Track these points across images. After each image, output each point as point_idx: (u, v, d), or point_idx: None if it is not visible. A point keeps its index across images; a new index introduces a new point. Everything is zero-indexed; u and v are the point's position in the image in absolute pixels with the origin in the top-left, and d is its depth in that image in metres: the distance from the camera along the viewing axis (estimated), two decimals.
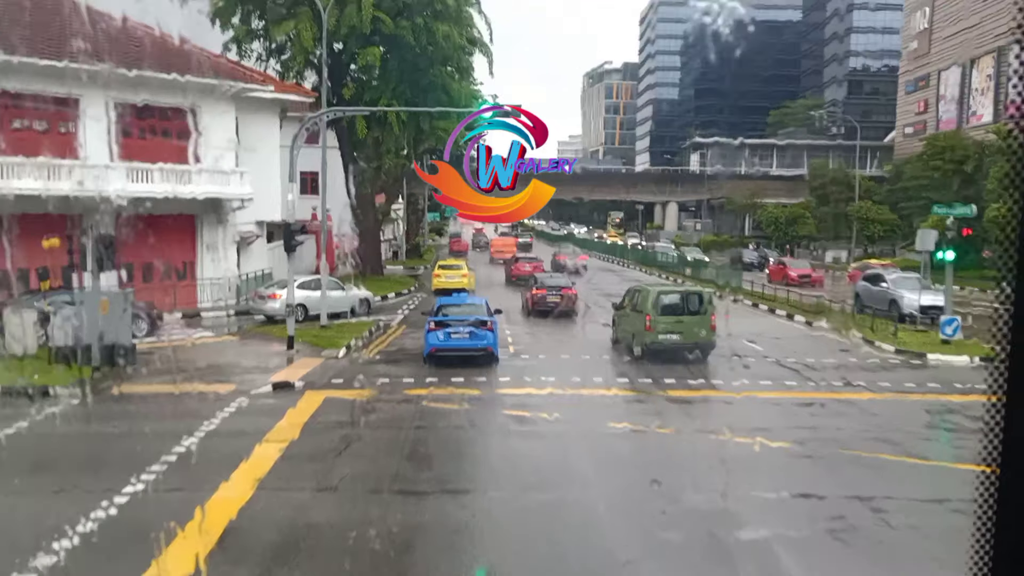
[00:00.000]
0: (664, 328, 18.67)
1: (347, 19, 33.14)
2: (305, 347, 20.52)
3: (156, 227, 27.39)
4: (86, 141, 26.96)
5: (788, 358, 19.44)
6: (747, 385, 16.29)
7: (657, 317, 18.79)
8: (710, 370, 17.94)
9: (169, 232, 28.83)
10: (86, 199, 26.15)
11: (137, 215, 27.06)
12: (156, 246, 28.23)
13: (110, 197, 26.38)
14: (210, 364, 18.47)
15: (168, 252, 29.32)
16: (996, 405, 1.60)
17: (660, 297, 19.50)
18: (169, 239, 29.05)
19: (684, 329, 18.77)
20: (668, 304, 19.31)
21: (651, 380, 16.69)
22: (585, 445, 11.82)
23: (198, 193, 28.52)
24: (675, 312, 19.10)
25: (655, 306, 19.01)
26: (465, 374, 17.38)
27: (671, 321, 18.82)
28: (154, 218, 27.09)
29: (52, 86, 26.28)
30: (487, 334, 18.40)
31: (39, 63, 24.90)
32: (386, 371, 17.85)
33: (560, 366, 18.40)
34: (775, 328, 25.27)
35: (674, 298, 19.95)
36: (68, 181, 26.10)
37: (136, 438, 12.08)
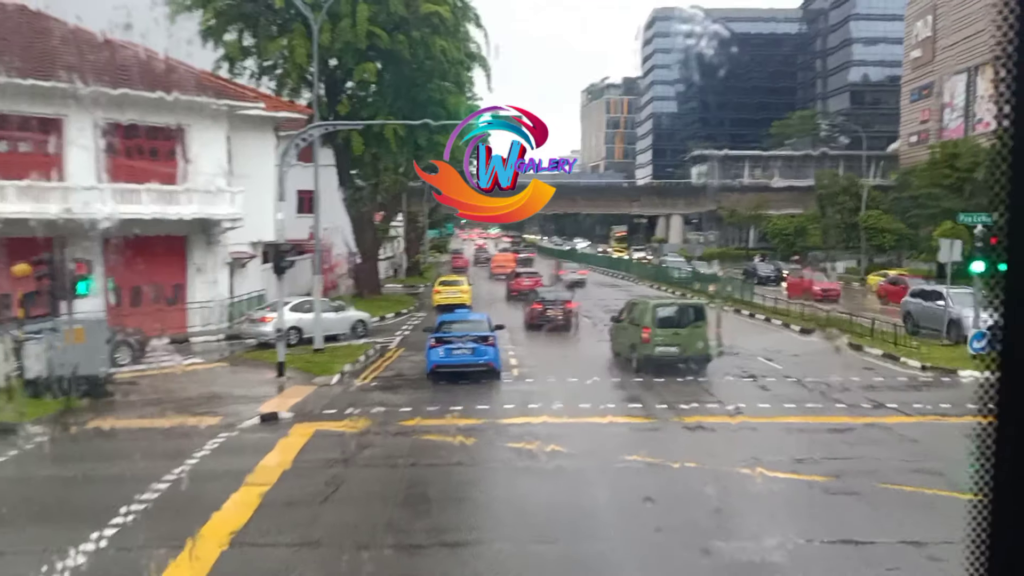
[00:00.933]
0: (662, 340, 18.79)
1: (342, 34, 32.25)
2: (297, 374, 19.39)
3: (145, 249, 26.36)
4: (71, 162, 26.08)
5: (809, 377, 18.26)
6: (770, 409, 15.11)
7: (655, 330, 18.89)
8: (728, 392, 16.77)
9: (158, 254, 27.79)
10: (71, 222, 25.22)
11: (125, 237, 26.10)
12: (145, 269, 27.20)
13: (96, 219, 25.45)
14: (196, 394, 17.34)
15: (157, 275, 28.31)
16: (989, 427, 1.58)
17: (657, 310, 19.58)
18: (158, 262, 28.01)
19: (682, 341, 18.87)
20: (665, 317, 19.45)
21: (666, 405, 15.53)
22: (600, 483, 10.66)
23: (188, 214, 27.52)
24: (672, 325, 19.25)
25: (652, 319, 19.07)
26: (466, 401, 16.25)
27: (668, 334, 18.94)
28: (142, 240, 26.06)
29: (37, 106, 25.41)
30: (488, 350, 18.32)
31: (23, 83, 24.01)
32: (381, 399, 16.72)
33: (567, 390, 17.26)
34: (792, 344, 24.08)
35: (671, 311, 20.09)
36: (54, 203, 25.20)
37: (102, 484, 10.94)
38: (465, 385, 18.02)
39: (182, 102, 27.53)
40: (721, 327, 26.57)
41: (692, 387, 17.46)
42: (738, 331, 26.37)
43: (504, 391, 17.42)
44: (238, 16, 33.83)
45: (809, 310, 28.84)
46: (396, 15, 33.31)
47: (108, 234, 25.98)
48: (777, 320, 29.22)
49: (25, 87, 24.08)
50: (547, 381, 18.32)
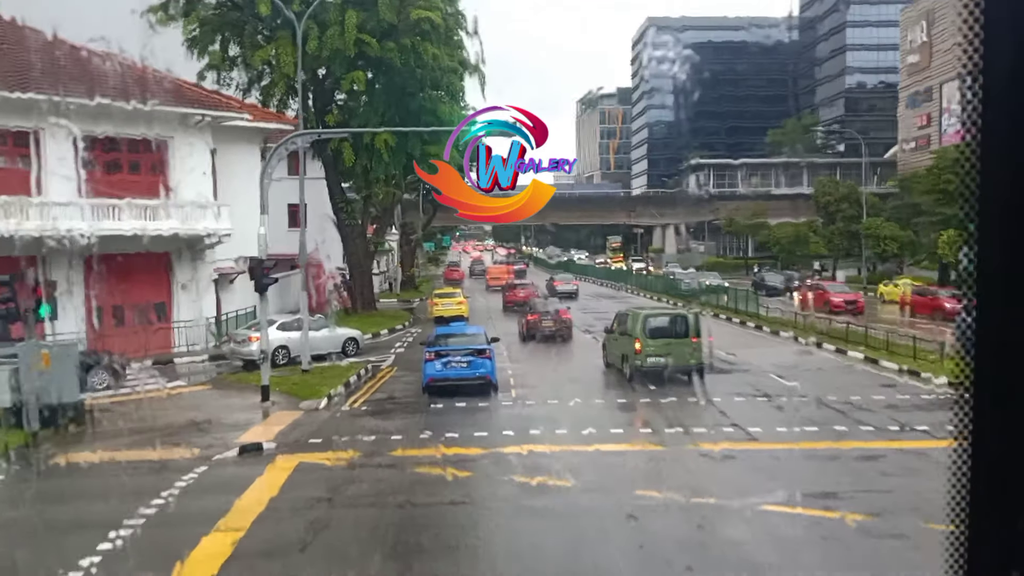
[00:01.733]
0: (653, 351, 18.93)
1: (330, 42, 31.22)
2: (282, 398, 18.24)
3: (126, 267, 25.32)
4: (47, 177, 24.99)
5: (828, 395, 17.14)
6: (791, 433, 13.97)
7: (646, 340, 19.02)
8: (742, 413, 15.64)
9: (141, 272, 26.67)
10: (47, 239, 24.13)
11: (105, 255, 25.03)
12: (127, 287, 26.12)
13: (74, 237, 24.36)
14: (173, 421, 16.17)
15: (140, 294, 27.18)
16: None
17: (648, 320, 19.69)
18: (141, 279, 26.91)
19: (673, 352, 18.98)
20: (657, 327, 19.57)
21: (679, 429, 14.41)
22: (614, 527, 9.50)
23: (171, 229, 26.44)
24: (664, 335, 19.35)
25: (644, 330, 19.23)
26: (462, 427, 15.11)
27: (660, 344, 19.05)
28: (124, 257, 25.03)
29: (11, 119, 24.37)
30: (485, 363, 18.18)
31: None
32: (372, 425, 15.57)
33: (571, 412, 16.15)
34: (804, 359, 22.98)
35: (663, 321, 20.18)
36: (29, 220, 24.12)
37: (54, 532, 9.77)
38: (461, 407, 16.91)
39: (163, 113, 26.51)
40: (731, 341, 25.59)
41: (703, 408, 16.35)
42: (747, 345, 25.33)
43: (503, 414, 16.29)
44: (223, 25, 32.82)
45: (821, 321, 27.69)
46: (386, 22, 32.32)
47: (87, 252, 24.91)
48: (786, 333, 28.12)
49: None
50: (548, 403, 17.19)
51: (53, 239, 23.87)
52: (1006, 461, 1.55)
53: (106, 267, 24.99)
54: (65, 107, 24.33)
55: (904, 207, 62.58)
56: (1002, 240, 1.52)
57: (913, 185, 64.52)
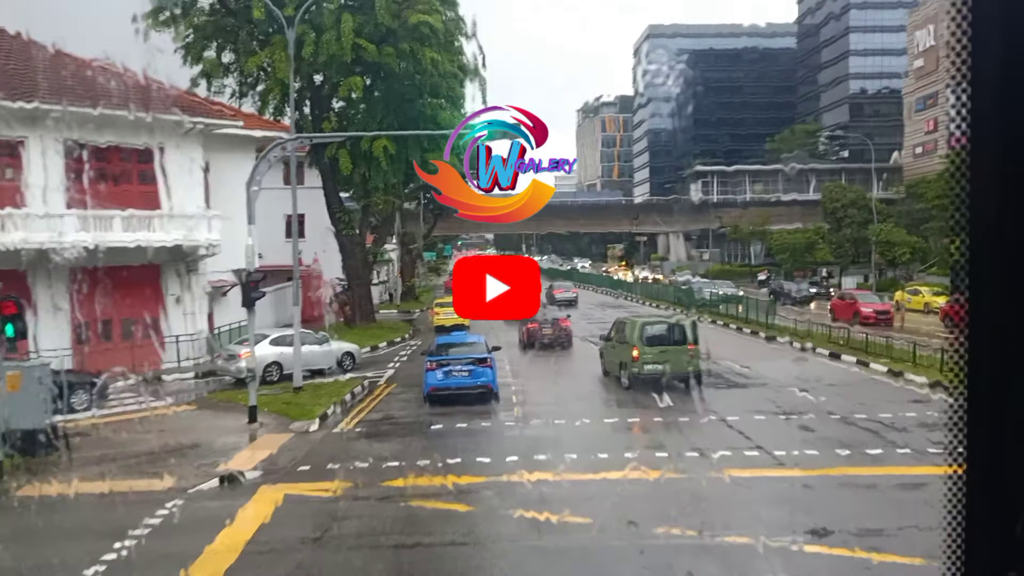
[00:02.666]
0: (651, 358, 19.08)
1: (326, 47, 30.24)
2: (272, 419, 17.14)
3: (115, 280, 24.22)
4: (32, 188, 24.00)
5: (856, 413, 16.01)
6: (821, 457, 12.82)
7: (644, 348, 19.19)
8: (765, 434, 14.52)
9: (130, 285, 25.57)
10: (33, 252, 23.17)
11: (93, 268, 24.04)
12: (115, 301, 25.03)
13: (59, 249, 23.37)
14: (153, 446, 15.06)
15: (129, 307, 26.11)
16: None
17: (646, 328, 19.85)
18: (130, 293, 25.80)
19: (670, 359, 19.11)
20: (654, 335, 19.69)
21: (697, 453, 13.29)
22: (638, 572, 8.39)
23: (161, 241, 25.42)
24: (661, 343, 19.48)
25: (641, 337, 19.37)
26: (464, 451, 14.01)
27: (657, 352, 19.18)
28: (113, 270, 24.01)
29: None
30: (486, 371, 18.28)
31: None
32: (366, 449, 14.46)
33: (579, 434, 15.05)
34: (825, 372, 21.82)
35: (660, 329, 20.28)
36: (13, 232, 23.17)
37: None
38: (462, 428, 15.83)
39: (154, 121, 25.54)
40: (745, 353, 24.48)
41: (722, 429, 15.22)
42: (762, 357, 24.24)
43: (507, 436, 15.17)
44: (216, 31, 31.85)
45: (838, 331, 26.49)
46: (384, 26, 31.36)
47: (74, 264, 23.91)
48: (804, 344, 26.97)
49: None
50: (555, 423, 16.06)
51: (37, 252, 22.95)
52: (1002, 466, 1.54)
53: (94, 280, 24.00)
54: (50, 115, 23.42)
55: (912, 212, 61.53)
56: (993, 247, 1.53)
57: (921, 190, 63.51)
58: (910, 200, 64.16)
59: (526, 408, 17.71)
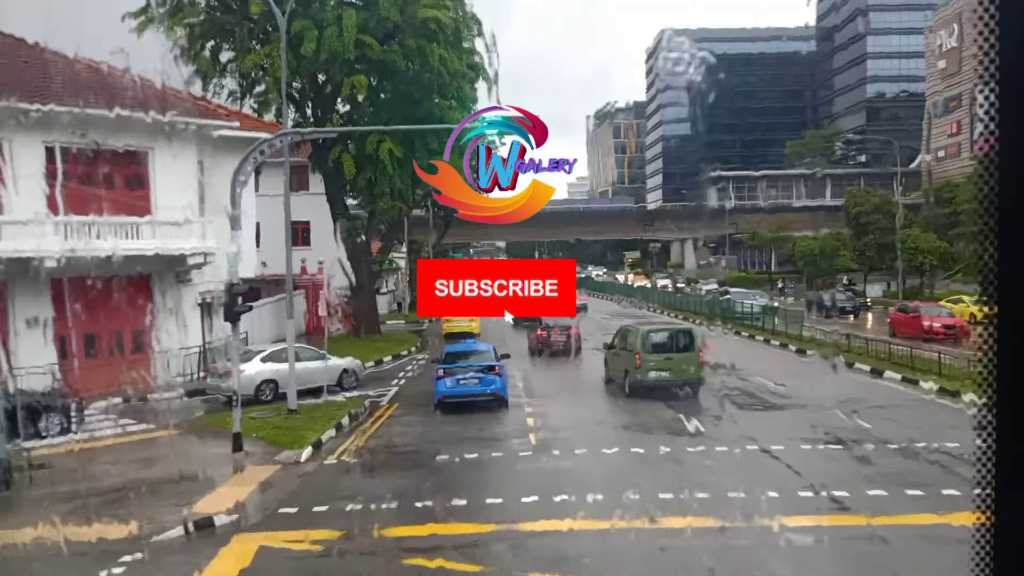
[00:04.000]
0: (654, 366, 19.14)
1: (327, 43, 28.61)
2: (259, 447, 15.39)
3: (101, 291, 22.57)
4: (11, 193, 22.46)
5: (916, 442, 14.08)
6: (890, 500, 10.89)
7: (647, 355, 19.21)
8: (819, 469, 12.63)
9: (117, 296, 23.87)
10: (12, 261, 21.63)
11: (77, 278, 22.44)
12: (101, 314, 23.42)
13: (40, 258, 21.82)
14: (120, 480, 13.31)
15: (116, 320, 24.46)
16: None
17: (649, 335, 19.93)
18: (117, 304, 24.10)
19: (673, 367, 19.21)
20: (657, 342, 19.75)
21: (743, 493, 11.39)
22: None
23: (151, 249, 23.76)
24: (664, 350, 19.54)
25: (644, 344, 19.42)
26: (472, 487, 12.26)
27: (660, 359, 19.26)
28: (98, 280, 22.38)
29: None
30: (495, 379, 18.48)
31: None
32: (360, 486, 12.68)
33: (606, 467, 13.22)
34: (867, 392, 19.87)
35: (663, 336, 20.32)
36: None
37: None
38: (472, 459, 14.03)
39: (143, 121, 23.93)
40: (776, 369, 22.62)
41: (766, 462, 13.34)
42: (796, 374, 22.40)
43: (522, 470, 13.32)
44: (213, 29, 30.28)
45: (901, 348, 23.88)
46: (389, 22, 29.76)
47: (57, 275, 22.33)
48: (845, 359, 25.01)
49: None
50: (576, 453, 14.23)
51: (16, 261, 21.41)
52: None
53: (77, 292, 22.40)
54: (28, 114, 21.87)
55: (937, 218, 59.38)
56: None
57: (947, 194, 61.38)
58: (935, 205, 62.00)
59: (542, 434, 15.89)
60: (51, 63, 23.95)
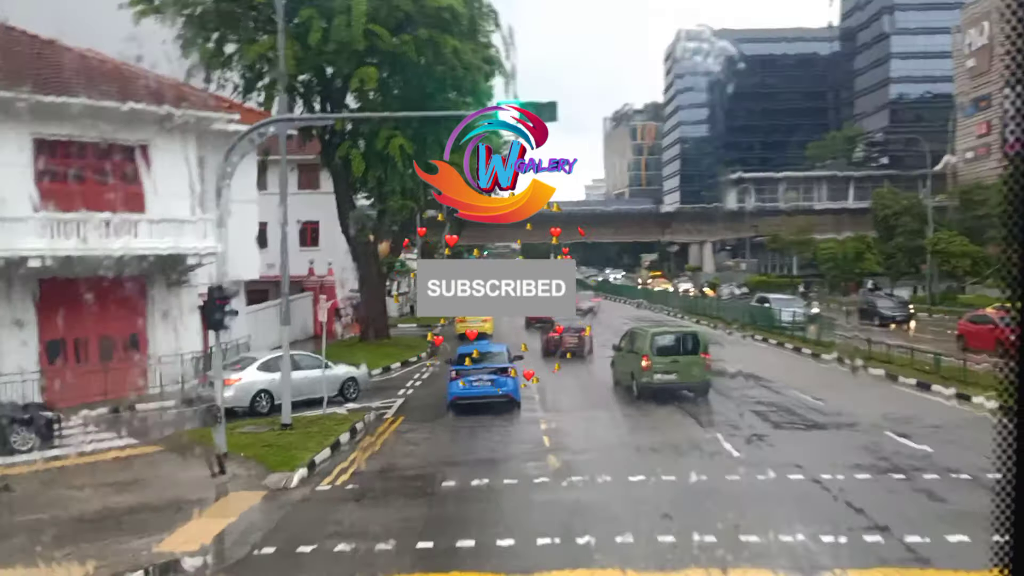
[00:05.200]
0: (661, 368, 19.14)
1: (335, 32, 27.13)
2: (246, 468, 13.86)
3: (92, 293, 21.29)
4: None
5: (987, 472, 12.30)
6: (974, 548, 9.12)
7: (654, 358, 19.23)
8: (883, 506, 10.91)
9: (110, 299, 22.51)
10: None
11: (66, 279, 21.15)
12: (92, 317, 22.08)
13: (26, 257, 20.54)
14: (85, 509, 11.83)
15: (109, 324, 23.15)
16: None
17: (656, 338, 19.98)
18: (110, 308, 22.75)
19: (680, 369, 19.19)
20: (664, 345, 19.74)
21: (802, 537, 9.68)
22: None
23: (143, 249, 22.35)
24: (671, 352, 19.52)
25: (651, 347, 19.45)
26: (480, 523, 10.67)
27: (667, 361, 19.26)
28: (91, 281, 21.10)
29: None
30: (508, 381, 18.65)
31: None
32: (353, 521, 11.09)
33: (634, 500, 11.58)
34: (917, 409, 18.09)
35: (670, 339, 20.26)
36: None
37: None
38: (481, 487, 12.44)
39: (138, 113, 22.64)
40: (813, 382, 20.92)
41: (819, 495, 11.63)
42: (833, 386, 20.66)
43: (538, 503, 11.70)
44: (216, 17, 28.87)
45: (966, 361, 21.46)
46: (400, 11, 28.24)
47: (43, 275, 21.03)
48: (877, 370, 23.20)
49: None
50: (599, 480, 12.59)
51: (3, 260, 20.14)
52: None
53: (66, 294, 21.08)
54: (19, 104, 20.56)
55: (966, 220, 57.23)
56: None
57: (978, 196, 59.25)
58: (965, 207, 59.84)
59: (559, 455, 14.26)
60: (39, 50, 22.65)
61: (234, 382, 18.95)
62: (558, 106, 13.20)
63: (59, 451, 15.61)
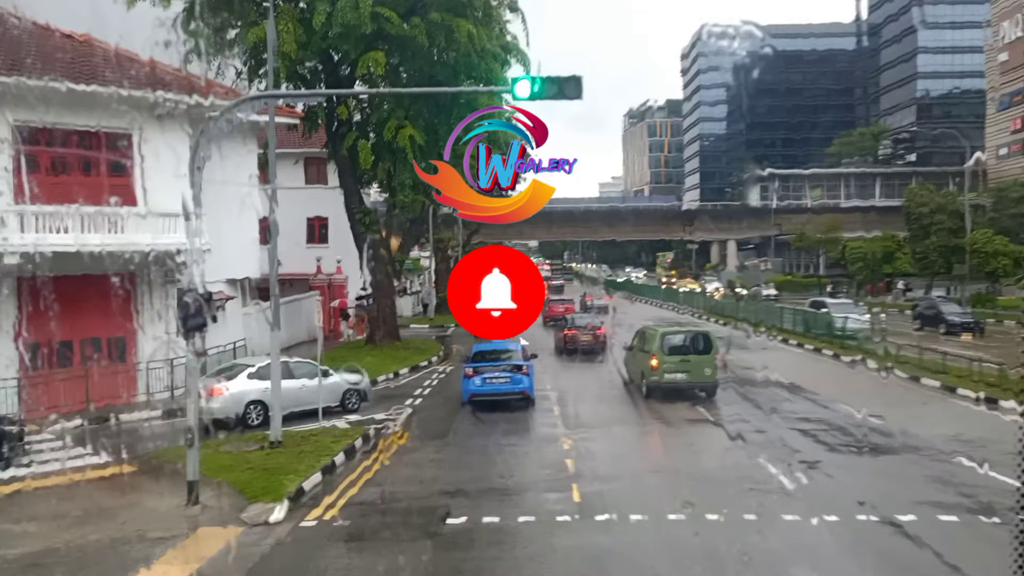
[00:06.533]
0: (671, 367, 19.18)
1: (340, 15, 25.31)
2: (223, 495, 12.04)
3: (76, 292, 19.66)
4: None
5: None
6: None
7: (664, 357, 19.29)
8: (972, 556, 8.96)
9: (95, 298, 20.87)
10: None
11: (47, 277, 19.45)
12: (76, 318, 20.43)
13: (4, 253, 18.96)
14: (32, 548, 10.07)
15: (93, 326, 21.49)
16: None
17: (666, 338, 20.02)
18: (95, 308, 21.13)
19: (690, 368, 19.23)
20: (675, 345, 19.83)
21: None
22: None
23: (131, 245, 20.63)
24: (681, 352, 19.57)
25: (662, 346, 19.54)
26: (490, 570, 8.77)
27: (677, 361, 19.31)
28: (73, 280, 19.42)
29: None
30: (523, 378, 18.93)
31: None
32: (340, 567, 9.26)
33: (675, 550, 9.66)
34: (988, 426, 16.06)
35: (680, 338, 20.30)
36: None
37: None
38: (492, 525, 10.55)
39: (124, 99, 20.98)
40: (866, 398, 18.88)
41: (903, 547, 9.64)
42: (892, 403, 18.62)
43: (560, 548, 9.78)
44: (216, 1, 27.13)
45: None
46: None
47: (23, 272, 19.39)
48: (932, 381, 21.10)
49: None
50: (631, 520, 10.65)
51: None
52: None
53: (46, 293, 19.37)
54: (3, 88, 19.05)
55: (1005, 219, 54.77)
56: None
57: (1013, 194, 56.86)
58: (1001, 204, 57.33)
59: (585, 487, 12.31)
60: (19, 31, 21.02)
61: (220, 393, 17.20)
62: (583, 81, 11.74)
63: (18, 471, 13.87)
